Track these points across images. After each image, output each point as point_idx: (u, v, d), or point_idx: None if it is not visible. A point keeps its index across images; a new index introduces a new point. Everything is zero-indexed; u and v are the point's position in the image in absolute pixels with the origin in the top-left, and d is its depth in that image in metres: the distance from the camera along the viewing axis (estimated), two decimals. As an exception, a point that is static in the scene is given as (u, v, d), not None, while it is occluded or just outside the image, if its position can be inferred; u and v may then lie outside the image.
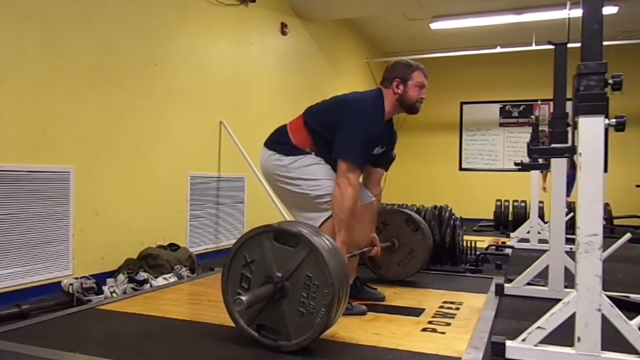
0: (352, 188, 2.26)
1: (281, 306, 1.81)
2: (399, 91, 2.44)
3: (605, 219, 7.24)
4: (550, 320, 1.79)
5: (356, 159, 2.30)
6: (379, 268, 3.14)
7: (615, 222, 7.23)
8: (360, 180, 2.46)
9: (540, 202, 5.35)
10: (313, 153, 2.41)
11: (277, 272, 1.82)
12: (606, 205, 7.47)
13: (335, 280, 1.73)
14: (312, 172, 2.38)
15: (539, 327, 1.80)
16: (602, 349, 1.72)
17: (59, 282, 3.04)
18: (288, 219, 4.41)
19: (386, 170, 2.73)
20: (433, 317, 2.34)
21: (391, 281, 3.07)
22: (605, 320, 1.72)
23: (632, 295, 2.78)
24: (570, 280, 2.41)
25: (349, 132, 2.31)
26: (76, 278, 3.08)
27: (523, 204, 6.78)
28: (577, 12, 1.90)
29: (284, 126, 2.51)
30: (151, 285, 3.16)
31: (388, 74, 2.50)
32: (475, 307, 2.55)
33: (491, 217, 7.30)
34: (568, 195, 7.49)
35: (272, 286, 1.80)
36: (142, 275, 3.27)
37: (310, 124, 2.43)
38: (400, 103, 2.46)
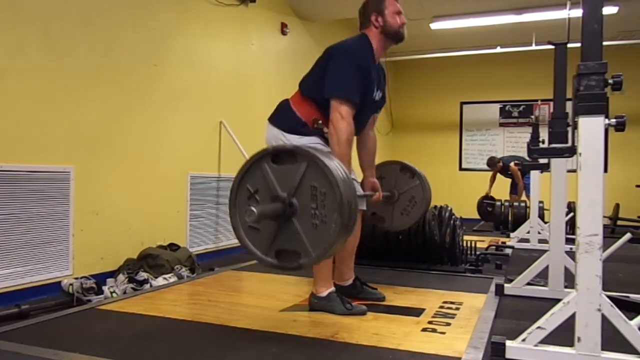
0: (345, 121, 2.24)
1: (293, 225, 1.78)
2: (380, 23, 2.44)
3: (611, 218, 7.25)
4: (550, 320, 1.79)
5: (345, 91, 2.27)
6: (383, 222, 3.10)
7: (619, 222, 7.23)
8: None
9: (540, 202, 5.35)
10: (322, 125, 2.37)
11: (282, 192, 1.79)
12: (617, 205, 7.48)
13: (340, 181, 1.72)
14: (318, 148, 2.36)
15: (539, 327, 1.80)
16: (602, 349, 1.72)
17: (59, 282, 3.04)
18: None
19: (377, 113, 2.71)
20: (433, 317, 2.34)
21: (392, 282, 3.07)
22: (605, 320, 1.72)
23: (632, 295, 2.77)
24: (570, 280, 2.41)
25: (337, 67, 2.30)
26: (76, 278, 3.08)
27: (523, 204, 6.78)
28: (577, 12, 1.90)
29: (286, 101, 2.48)
30: (151, 285, 3.16)
31: (363, 15, 2.50)
32: (475, 307, 2.55)
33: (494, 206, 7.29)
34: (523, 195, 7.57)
35: (280, 203, 1.78)
36: (142, 275, 3.27)
37: (308, 92, 2.41)
38: (385, 34, 2.46)
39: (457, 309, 2.50)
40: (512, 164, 7.35)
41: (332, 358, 1.81)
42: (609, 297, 1.75)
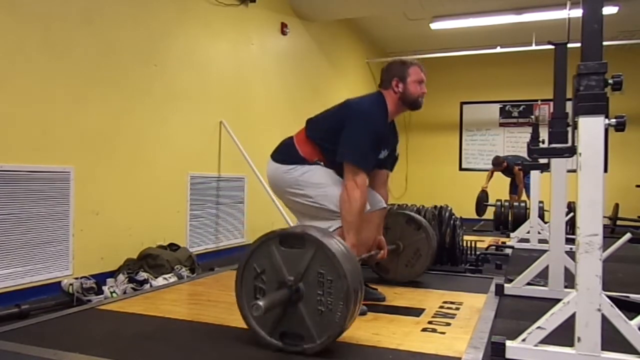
0: (360, 190, 2.25)
1: (299, 309, 1.79)
2: (400, 89, 2.44)
3: (611, 218, 7.25)
4: (550, 320, 1.79)
5: (362, 160, 2.28)
6: (387, 273, 3.13)
7: (619, 222, 7.23)
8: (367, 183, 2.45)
9: (540, 202, 5.35)
10: (322, 164, 2.40)
11: (289, 276, 1.80)
12: (616, 205, 7.48)
13: (347, 270, 1.72)
14: (322, 182, 2.37)
15: (539, 327, 1.80)
16: (602, 349, 1.72)
17: (59, 282, 3.04)
18: (289, 220, 4.41)
19: (390, 171, 2.73)
20: (433, 317, 2.34)
21: (392, 282, 3.07)
22: (605, 320, 1.72)
23: (632, 295, 2.77)
24: (570, 280, 2.40)
25: (354, 134, 2.29)
26: (76, 278, 3.08)
27: (523, 204, 6.78)
28: (577, 12, 1.90)
29: (290, 139, 2.50)
30: (151, 285, 3.16)
31: (385, 75, 2.49)
32: (475, 307, 2.55)
33: (491, 217, 7.29)
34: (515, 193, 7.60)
35: (287, 290, 1.79)
36: (142, 275, 3.27)
37: (313, 136, 2.42)
38: (403, 101, 2.46)
39: (457, 309, 2.50)
40: (516, 168, 7.33)
41: (332, 358, 1.81)
42: (609, 297, 1.75)
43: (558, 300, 1.84)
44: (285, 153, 2.46)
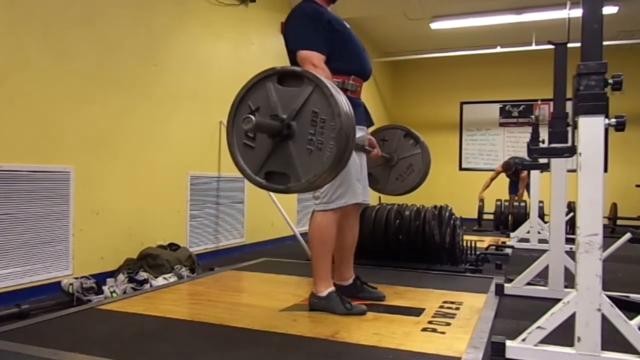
0: (320, 68, 2.25)
1: (288, 147, 1.77)
2: None
3: (609, 218, 7.25)
4: (550, 320, 1.79)
5: (306, 41, 2.30)
6: (377, 183, 3.08)
7: (619, 221, 7.23)
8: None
9: (540, 202, 5.35)
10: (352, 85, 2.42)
11: (283, 114, 1.77)
12: (614, 205, 7.47)
13: (342, 110, 1.70)
14: None
15: (539, 327, 1.81)
16: (602, 349, 1.72)
17: (59, 282, 3.04)
18: (289, 220, 4.41)
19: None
20: (433, 317, 2.34)
21: (392, 282, 3.07)
22: (605, 320, 1.72)
23: (632, 295, 2.78)
24: (570, 280, 2.41)
25: (292, 29, 2.36)
26: (76, 278, 3.08)
27: (523, 204, 6.78)
28: (577, 12, 1.90)
29: None
30: (151, 285, 3.15)
31: None
32: (475, 307, 2.55)
33: (491, 217, 7.29)
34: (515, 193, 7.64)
35: (279, 123, 1.76)
36: (142, 275, 3.27)
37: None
38: None
39: (457, 308, 2.50)
40: (524, 173, 7.31)
41: (332, 358, 1.81)
42: (609, 297, 1.75)
43: (558, 300, 1.84)
44: None
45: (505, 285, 2.94)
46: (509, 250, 4.84)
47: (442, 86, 9.58)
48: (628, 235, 3.24)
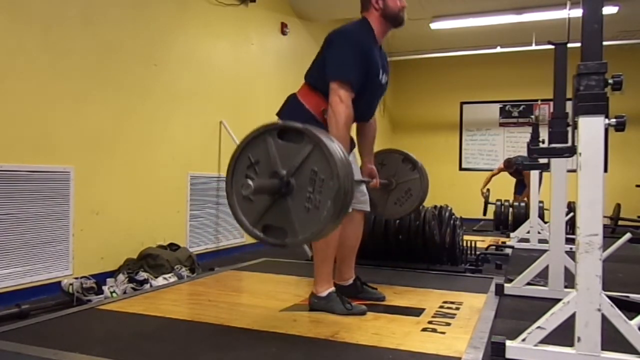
0: (344, 104, 2.24)
1: (286, 203, 1.77)
2: (380, 5, 2.45)
3: (612, 218, 7.25)
4: (550, 320, 1.79)
5: (343, 73, 2.27)
6: (375, 207, 3.08)
7: (620, 222, 7.22)
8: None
9: (540, 202, 5.35)
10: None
11: (282, 169, 1.78)
12: (617, 205, 7.47)
13: (341, 171, 1.70)
14: None
15: (539, 327, 1.81)
16: (602, 349, 1.72)
17: (59, 282, 3.04)
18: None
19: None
20: (433, 317, 2.34)
21: (392, 282, 3.07)
22: (605, 320, 1.72)
23: (632, 295, 2.78)
24: (570, 280, 2.41)
25: (337, 51, 2.31)
26: (76, 278, 3.08)
27: (523, 204, 6.78)
28: (577, 12, 1.90)
29: (294, 95, 2.47)
30: (151, 285, 3.15)
31: None
32: (475, 307, 2.55)
33: (491, 217, 7.29)
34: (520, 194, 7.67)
35: (278, 180, 1.76)
36: (142, 275, 3.27)
37: (313, 82, 2.40)
38: (385, 17, 2.46)
39: (457, 308, 2.50)
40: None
41: (332, 358, 1.81)
42: (609, 297, 1.75)
43: (558, 300, 1.84)
44: (292, 110, 2.41)
45: (505, 285, 2.94)
46: (509, 250, 4.84)
47: (442, 86, 9.58)
48: (628, 236, 3.24)
